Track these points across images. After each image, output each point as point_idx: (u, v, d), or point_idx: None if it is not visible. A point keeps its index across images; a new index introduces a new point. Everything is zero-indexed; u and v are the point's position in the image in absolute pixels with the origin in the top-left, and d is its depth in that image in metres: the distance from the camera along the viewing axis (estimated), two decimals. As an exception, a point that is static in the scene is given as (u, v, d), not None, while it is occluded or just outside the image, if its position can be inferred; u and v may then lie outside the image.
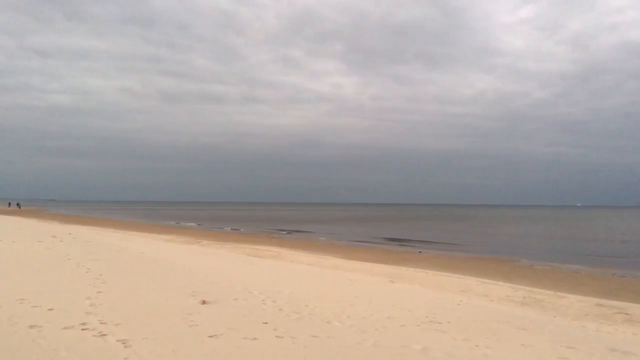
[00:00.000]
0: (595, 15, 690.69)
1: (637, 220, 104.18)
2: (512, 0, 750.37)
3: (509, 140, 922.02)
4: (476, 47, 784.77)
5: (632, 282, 20.35)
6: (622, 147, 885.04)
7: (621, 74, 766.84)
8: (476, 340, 8.34)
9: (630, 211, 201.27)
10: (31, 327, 7.40)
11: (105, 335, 7.14)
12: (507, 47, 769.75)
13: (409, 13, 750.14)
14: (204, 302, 9.84)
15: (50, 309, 8.53)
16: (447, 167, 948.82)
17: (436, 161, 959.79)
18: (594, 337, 9.76)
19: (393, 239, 43.25)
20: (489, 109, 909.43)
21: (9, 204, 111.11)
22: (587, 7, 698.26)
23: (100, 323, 7.78)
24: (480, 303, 13.02)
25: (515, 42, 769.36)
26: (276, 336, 7.58)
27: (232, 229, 54.62)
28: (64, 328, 7.39)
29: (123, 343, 6.77)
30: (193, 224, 64.58)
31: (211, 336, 7.35)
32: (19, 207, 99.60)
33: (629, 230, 66.03)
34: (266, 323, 8.43)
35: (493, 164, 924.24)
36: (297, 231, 52.48)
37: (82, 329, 7.39)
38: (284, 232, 50.70)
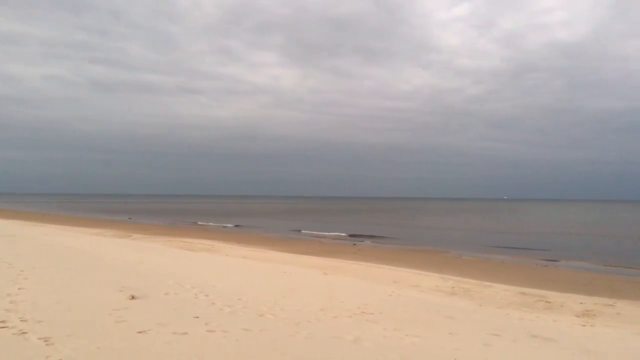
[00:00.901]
0: (526, 15, 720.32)
1: (560, 213, 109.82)
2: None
3: (442, 135, 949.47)
4: (414, 43, 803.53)
5: (552, 272, 21.42)
6: (548, 143, 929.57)
7: (549, 73, 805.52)
8: (406, 330, 8.54)
9: (554, 204, 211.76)
10: (-57, 326, 6.96)
11: (26, 333, 6.80)
12: (443, 44, 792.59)
13: (350, 7, 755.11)
14: (132, 297, 9.56)
15: (-35, 308, 8.06)
16: (384, 160, 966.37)
17: (374, 155, 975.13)
18: (517, 324, 10.20)
19: (329, 232, 43.60)
20: (425, 104, 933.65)
21: None
22: (519, 6, 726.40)
23: (21, 321, 7.40)
24: (411, 293, 13.34)
25: (451, 39, 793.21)
26: (207, 330, 7.47)
27: (166, 222, 53.46)
28: (-20, 327, 7.00)
29: (45, 341, 6.47)
30: (124, 217, 62.71)
31: (140, 332, 7.16)
32: None
33: (551, 222, 69.49)
34: (197, 317, 8.29)
35: (427, 158, 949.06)
36: (233, 225, 51.96)
37: (1, 327, 7.01)
38: (219, 225, 50.10)
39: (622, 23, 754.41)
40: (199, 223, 53.58)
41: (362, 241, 34.95)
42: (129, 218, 60.35)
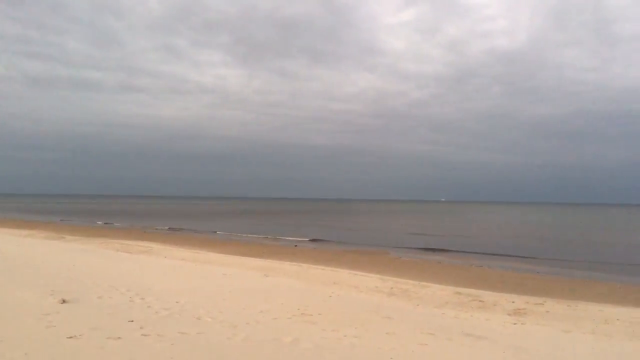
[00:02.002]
0: (470, 22, 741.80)
1: (494, 214, 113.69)
2: (395, 3, 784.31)
3: (386, 137, 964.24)
4: (360, 46, 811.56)
5: (486, 272, 22.13)
6: (485, 147, 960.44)
7: (488, 79, 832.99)
8: (345, 331, 8.61)
9: (489, 206, 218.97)
10: None
11: (-55, 341, 6.44)
12: (389, 47, 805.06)
13: (297, 8, 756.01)
14: (63, 301, 9.21)
15: None
16: (329, 162, 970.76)
17: (319, 156, 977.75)
18: (452, 323, 10.48)
19: (272, 233, 43.43)
20: (370, 107, 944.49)
21: None
22: (463, 13, 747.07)
23: (-61, 328, 7.00)
24: (351, 294, 13.47)
25: (396, 43, 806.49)
26: (142, 334, 7.29)
27: (102, 224, 51.79)
28: None
29: (-34, 349, 6.14)
30: (57, 217, 60.33)
31: (70, 337, 6.90)
32: None
33: (486, 224, 71.82)
34: (132, 321, 8.07)
35: (370, 159, 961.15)
36: (173, 226, 50.91)
37: None
38: (158, 227, 48.96)
39: (558, 32, 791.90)
40: (137, 224, 52.19)
41: (304, 242, 34.99)
42: (61, 220, 58.05)
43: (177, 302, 10.11)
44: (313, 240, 36.96)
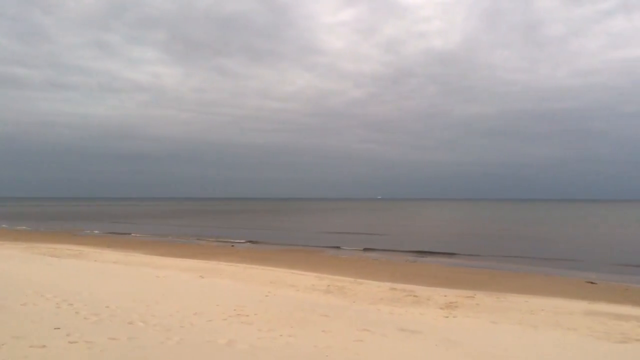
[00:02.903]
0: (407, 23, 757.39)
1: (428, 211, 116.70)
2: (334, 2, 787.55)
3: (324, 136, 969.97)
4: (299, 45, 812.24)
5: (420, 267, 22.68)
6: (421, 145, 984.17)
7: (424, 78, 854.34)
8: (281, 330, 8.59)
9: (424, 203, 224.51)
10: None
11: None
12: (328, 47, 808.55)
13: (237, 6, 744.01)
14: (-17, 310, 8.71)
15: None
16: (266, 161, 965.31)
17: (257, 155, 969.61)
18: (387, 318, 10.67)
19: (209, 234, 42.80)
20: (308, 106, 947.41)
21: None
22: (400, 14, 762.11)
23: None
24: (288, 293, 13.47)
25: (335, 42, 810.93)
26: (69, 342, 6.99)
27: (28, 227, 49.40)
28: None
29: None
30: (-22, 221, 57.12)
31: (-10, 347, 6.53)
32: None
33: (420, 220, 73.62)
34: (58, 328, 7.73)
35: (309, 159, 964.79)
36: (105, 228, 49.27)
37: None
38: (89, 229, 47.21)
39: (490, 34, 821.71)
40: (66, 227, 50.15)
41: (241, 242, 34.68)
42: (-16, 223, 54.98)
43: (107, 307, 9.77)
44: (250, 240, 36.66)
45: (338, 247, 31.27)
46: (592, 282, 18.70)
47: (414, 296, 14.16)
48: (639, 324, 11.08)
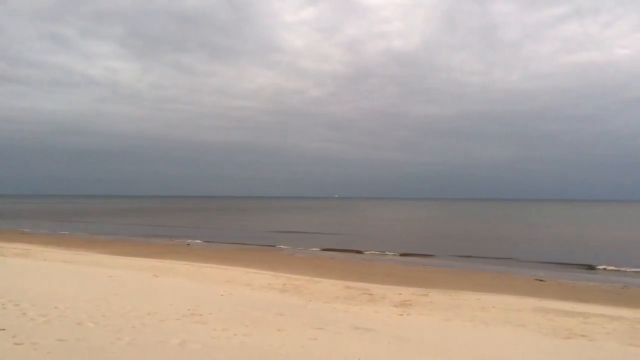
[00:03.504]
0: (368, 23, 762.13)
1: (384, 210, 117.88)
2: (296, 1, 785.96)
3: (283, 135, 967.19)
4: (260, 42, 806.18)
5: (376, 266, 22.94)
6: (378, 145, 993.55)
7: (384, 79, 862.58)
8: (235, 329, 8.53)
9: (380, 202, 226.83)
10: None
11: None
12: (289, 45, 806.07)
13: (197, 2, 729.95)
14: None
15: None
16: (224, 159, 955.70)
17: (214, 153, 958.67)
18: (342, 317, 10.73)
19: (164, 232, 42.12)
20: (267, 104, 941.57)
21: None
22: (361, 14, 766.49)
23: None
24: (243, 292, 13.39)
25: (296, 41, 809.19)
26: (14, 344, 6.76)
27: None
28: None
29: None
30: None
31: None
32: None
33: (376, 219, 74.32)
34: (4, 330, 7.46)
35: (267, 157, 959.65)
36: (56, 227, 47.85)
37: None
38: (38, 228, 45.73)
39: (449, 37, 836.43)
40: (14, 225, 48.45)
41: (197, 241, 34.26)
42: None
43: (55, 307, 9.48)
44: (206, 239, 36.24)
45: (294, 246, 31.27)
46: (540, 280, 19.30)
47: (369, 294, 14.30)
48: (584, 320, 11.49)
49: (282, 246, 31.19)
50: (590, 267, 23.77)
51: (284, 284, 15.48)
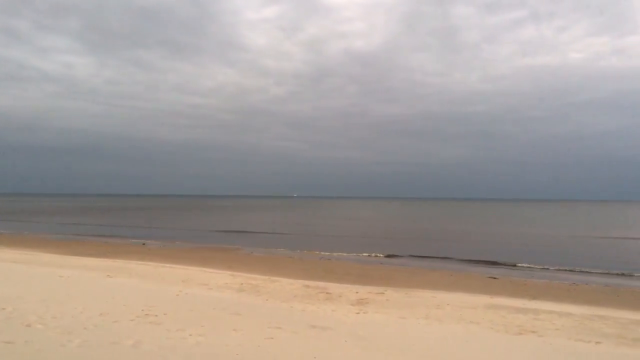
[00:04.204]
0: (330, 22, 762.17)
1: (342, 209, 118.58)
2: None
3: (243, 133, 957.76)
4: (221, 40, 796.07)
5: (334, 264, 23.03)
6: (338, 144, 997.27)
7: (345, 78, 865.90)
8: (191, 330, 8.44)
9: (339, 202, 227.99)
10: None
11: None
12: (250, 43, 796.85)
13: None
14: None
15: None
16: (183, 157, 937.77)
17: (173, 151, 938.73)
18: (299, 316, 10.75)
19: (119, 231, 41.24)
20: (228, 102, 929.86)
21: None
22: (323, 13, 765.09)
23: None
24: (200, 292, 13.24)
25: (258, 39, 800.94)
26: (-42, 347, 6.53)
27: None
28: None
29: None
30: None
31: None
32: None
33: (335, 218, 74.68)
34: (-54, 333, 7.19)
35: (227, 155, 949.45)
36: (5, 227, 46.22)
37: None
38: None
39: (410, 37, 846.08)
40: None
41: (154, 240, 33.66)
42: None
43: (3, 308, 9.19)
44: (163, 238, 35.64)
45: (253, 246, 31.10)
46: (494, 277, 19.78)
47: (327, 293, 14.35)
48: (535, 316, 11.83)
49: (240, 245, 30.96)
50: (513, 265, 24.42)
51: (242, 284, 15.38)
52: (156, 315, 9.51)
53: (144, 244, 30.98)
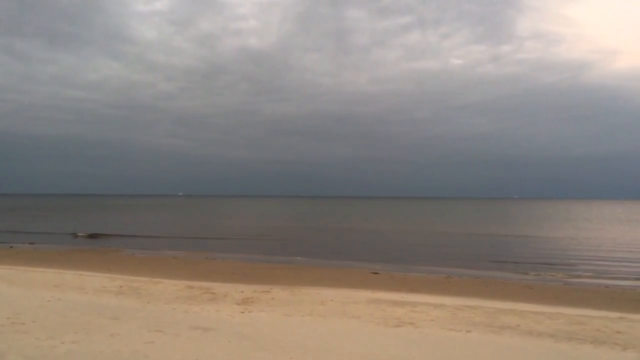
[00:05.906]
0: (223, 19, 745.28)
1: (230, 208, 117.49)
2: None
3: (129, 130, 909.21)
4: (107, 31, 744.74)
5: (219, 264, 22.76)
6: (230, 142, 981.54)
7: (237, 76, 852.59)
8: (62, 337, 7.94)
9: (229, 200, 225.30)
10: None
11: None
12: (139, 36, 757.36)
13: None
14: None
15: None
16: (60, 154, 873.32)
17: (49, 148, 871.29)
18: (182, 317, 10.47)
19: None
20: (112, 97, 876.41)
21: None
22: (217, 10, 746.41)
23: None
24: (74, 297, 12.48)
25: (147, 32, 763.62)
26: None
27: None
28: None
29: None
30: None
31: None
32: None
33: (220, 217, 73.79)
34: None
35: (109, 153, 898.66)
36: None
37: None
38: None
39: (303, 38, 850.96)
40: None
41: (21, 243, 31.17)
42: None
43: None
44: (33, 241, 33.08)
45: (134, 247, 29.87)
46: (375, 273, 20.55)
47: (211, 293, 14.12)
48: (412, 308, 12.44)
49: (122, 247, 29.60)
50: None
51: (121, 286, 14.70)
52: (24, 324, 8.83)
53: (11, 247, 28.60)
